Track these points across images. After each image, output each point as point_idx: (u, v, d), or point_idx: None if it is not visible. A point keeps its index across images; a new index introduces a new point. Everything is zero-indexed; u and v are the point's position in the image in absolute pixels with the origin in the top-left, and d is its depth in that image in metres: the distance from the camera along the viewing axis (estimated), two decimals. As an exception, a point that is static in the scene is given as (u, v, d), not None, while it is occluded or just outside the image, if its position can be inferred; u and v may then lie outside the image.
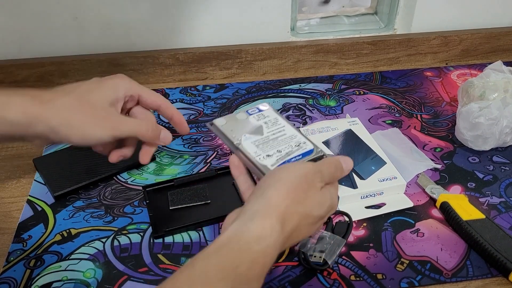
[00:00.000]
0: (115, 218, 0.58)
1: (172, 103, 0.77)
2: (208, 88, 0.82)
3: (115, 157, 0.52)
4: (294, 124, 0.66)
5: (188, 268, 0.36)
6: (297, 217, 0.40)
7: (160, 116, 0.60)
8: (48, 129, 0.45)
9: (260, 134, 0.49)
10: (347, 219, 0.57)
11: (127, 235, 0.55)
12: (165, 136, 0.53)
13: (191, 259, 0.37)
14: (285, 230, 0.39)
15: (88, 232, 0.56)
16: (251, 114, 0.51)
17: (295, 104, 0.77)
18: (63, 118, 0.46)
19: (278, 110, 0.75)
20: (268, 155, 0.47)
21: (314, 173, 0.43)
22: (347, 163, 0.47)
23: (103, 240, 0.55)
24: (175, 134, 0.71)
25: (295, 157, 0.47)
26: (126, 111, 0.53)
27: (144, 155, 0.54)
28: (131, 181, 0.63)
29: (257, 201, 0.40)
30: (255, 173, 0.47)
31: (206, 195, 0.59)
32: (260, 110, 0.52)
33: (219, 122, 0.49)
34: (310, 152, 0.48)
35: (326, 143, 0.65)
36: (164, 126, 0.54)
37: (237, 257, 0.36)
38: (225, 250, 0.37)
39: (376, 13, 0.97)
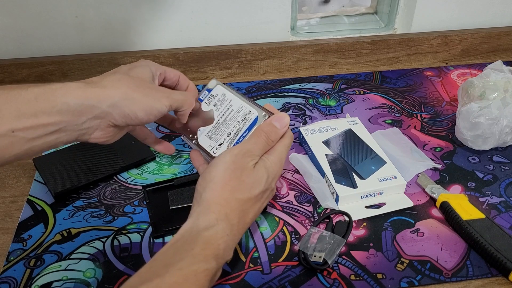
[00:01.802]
0: (115, 218, 0.58)
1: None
2: (208, 87, 0.82)
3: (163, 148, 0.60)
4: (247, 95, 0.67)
5: (150, 261, 0.40)
6: (239, 204, 0.44)
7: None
8: (111, 107, 0.46)
9: (211, 122, 0.53)
10: (347, 218, 0.57)
11: (127, 234, 0.55)
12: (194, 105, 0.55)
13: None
14: (231, 219, 0.43)
15: (88, 232, 0.56)
16: (202, 100, 0.55)
17: (295, 104, 0.77)
18: (124, 93, 0.46)
19: (279, 109, 0.75)
20: (220, 144, 0.51)
21: (242, 156, 0.45)
22: (280, 120, 0.49)
23: (103, 239, 0.55)
24: (175, 134, 0.71)
25: (242, 134, 0.51)
26: None
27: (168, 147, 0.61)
28: (131, 181, 0.63)
29: (198, 205, 0.44)
30: None
31: None
32: (209, 91, 0.55)
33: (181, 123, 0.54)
34: (255, 121, 0.51)
35: (326, 142, 0.65)
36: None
37: (191, 242, 0.41)
38: (180, 241, 0.41)
39: (376, 13, 0.97)
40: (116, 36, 0.82)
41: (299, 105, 0.77)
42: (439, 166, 0.65)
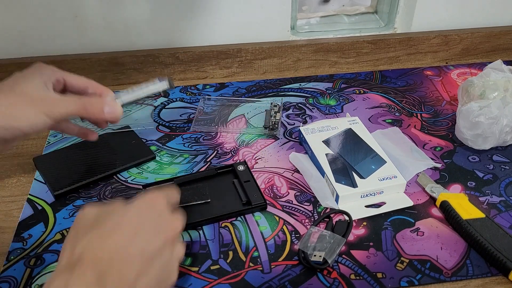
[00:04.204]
0: (115, 217, 0.57)
1: (172, 102, 0.78)
2: (208, 87, 0.82)
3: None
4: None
5: None
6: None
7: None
8: None
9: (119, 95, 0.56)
10: (347, 218, 0.57)
11: (127, 234, 0.55)
12: (112, 109, 0.52)
13: None
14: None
15: (88, 231, 0.56)
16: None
17: (295, 103, 0.77)
18: (6, 113, 0.47)
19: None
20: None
21: None
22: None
23: (103, 239, 0.55)
24: (175, 133, 0.71)
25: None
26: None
27: (89, 133, 0.57)
28: (131, 180, 0.63)
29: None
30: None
31: (206, 194, 0.59)
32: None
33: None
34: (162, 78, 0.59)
35: (326, 142, 0.65)
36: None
37: None
38: None
39: (376, 12, 0.97)
40: (116, 36, 0.82)
41: (299, 105, 0.77)
42: (439, 165, 0.65)
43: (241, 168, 0.63)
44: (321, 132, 0.67)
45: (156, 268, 0.37)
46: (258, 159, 0.66)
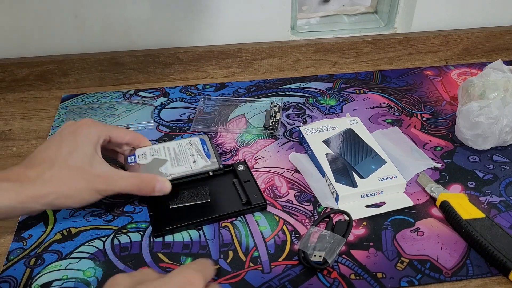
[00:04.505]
0: (115, 217, 0.57)
1: (172, 102, 0.78)
2: (208, 87, 0.82)
3: None
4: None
5: None
6: None
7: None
8: (46, 205, 0.48)
9: (164, 162, 0.56)
10: (347, 218, 0.57)
11: (127, 234, 0.55)
12: (162, 187, 0.53)
13: None
14: None
15: (88, 231, 0.56)
16: (134, 161, 0.57)
17: (295, 103, 0.77)
18: (59, 192, 0.48)
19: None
20: (194, 161, 0.56)
21: None
22: None
23: (103, 239, 0.55)
24: (175, 133, 0.71)
25: (203, 149, 0.58)
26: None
27: None
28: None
29: None
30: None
31: (206, 194, 0.59)
32: (133, 155, 0.57)
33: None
34: (202, 140, 0.60)
35: (326, 142, 0.65)
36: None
37: None
38: None
39: (376, 12, 0.97)
40: (116, 36, 0.82)
41: (299, 105, 0.77)
42: (439, 165, 0.65)
43: (241, 168, 0.63)
44: (321, 132, 0.67)
45: None
46: (258, 159, 0.66)
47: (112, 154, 0.59)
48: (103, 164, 0.52)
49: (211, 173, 0.56)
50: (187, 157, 0.57)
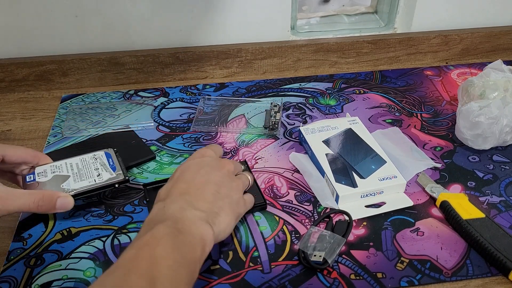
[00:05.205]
0: (115, 217, 0.58)
1: (172, 102, 0.78)
2: (208, 87, 0.82)
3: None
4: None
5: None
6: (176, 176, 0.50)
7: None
8: None
9: (66, 178, 0.55)
10: (347, 218, 0.57)
11: (127, 234, 0.55)
12: (63, 202, 0.51)
13: None
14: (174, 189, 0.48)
15: (88, 231, 0.56)
16: (33, 180, 0.55)
17: (295, 103, 0.77)
18: None
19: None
20: (98, 175, 0.56)
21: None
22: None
23: (103, 239, 0.55)
24: (175, 133, 0.71)
25: (109, 163, 0.58)
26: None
27: None
28: (131, 180, 0.63)
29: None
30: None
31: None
32: (31, 174, 0.55)
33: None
34: (108, 153, 0.60)
35: (326, 142, 0.65)
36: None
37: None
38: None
39: (376, 12, 0.97)
40: (116, 35, 0.82)
41: (299, 105, 0.77)
42: (439, 165, 0.65)
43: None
44: (321, 132, 0.67)
45: (224, 192, 0.49)
46: (258, 159, 0.66)
47: (10, 177, 0.56)
48: None
49: (117, 185, 0.56)
50: (91, 171, 0.56)
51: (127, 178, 0.56)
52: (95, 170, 0.57)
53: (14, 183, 0.57)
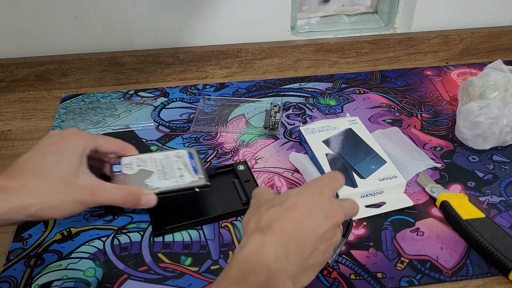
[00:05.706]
0: (115, 217, 0.58)
1: (172, 102, 0.78)
2: (208, 87, 0.82)
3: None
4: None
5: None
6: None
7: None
8: (29, 216, 0.47)
9: (150, 174, 0.55)
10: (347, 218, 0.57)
11: (127, 234, 0.55)
12: (148, 200, 0.52)
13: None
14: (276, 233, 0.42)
15: (88, 231, 0.56)
16: (120, 171, 0.55)
17: (295, 103, 0.77)
18: (43, 203, 0.46)
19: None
20: (181, 176, 0.55)
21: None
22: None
23: (103, 239, 0.55)
24: (175, 133, 0.71)
25: (191, 163, 0.56)
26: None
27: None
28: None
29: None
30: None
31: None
32: (118, 164, 0.56)
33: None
34: (190, 153, 0.58)
35: (326, 142, 0.65)
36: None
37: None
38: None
39: (376, 12, 0.97)
40: (116, 36, 0.82)
41: (299, 105, 0.77)
42: (439, 165, 0.65)
43: (241, 167, 0.63)
44: (321, 132, 0.67)
45: (321, 249, 0.43)
46: (258, 159, 0.66)
47: (98, 164, 0.57)
48: (88, 175, 0.50)
49: (197, 189, 0.54)
50: (173, 170, 0.55)
51: (208, 183, 0.54)
52: (177, 170, 0.55)
53: (100, 168, 0.58)
